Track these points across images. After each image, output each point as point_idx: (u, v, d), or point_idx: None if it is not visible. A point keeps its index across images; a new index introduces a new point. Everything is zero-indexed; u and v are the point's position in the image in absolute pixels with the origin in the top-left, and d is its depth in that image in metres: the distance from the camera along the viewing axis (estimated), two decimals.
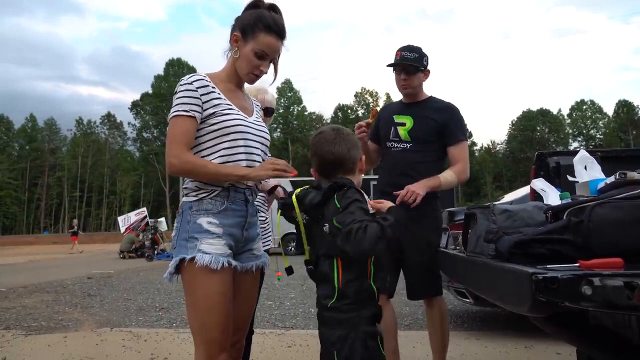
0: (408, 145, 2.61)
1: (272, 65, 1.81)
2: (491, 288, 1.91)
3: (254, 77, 1.78)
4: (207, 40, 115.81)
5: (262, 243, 2.53)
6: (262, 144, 1.81)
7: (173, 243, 1.71)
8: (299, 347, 3.99)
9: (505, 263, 1.59)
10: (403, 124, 2.65)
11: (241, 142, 1.71)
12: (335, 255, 1.46)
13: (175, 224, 1.73)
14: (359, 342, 1.41)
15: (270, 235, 2.58)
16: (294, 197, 1.54)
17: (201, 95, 1.66)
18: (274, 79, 1.87)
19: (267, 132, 1.89)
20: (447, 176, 2.53)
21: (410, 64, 2.58)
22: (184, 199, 1.73)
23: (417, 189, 2.37)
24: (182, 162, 1.62)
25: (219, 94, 1.71)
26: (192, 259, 1.61)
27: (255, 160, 1.76)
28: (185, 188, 1.75)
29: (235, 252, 1.73)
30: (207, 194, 1.68)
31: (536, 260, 1.61)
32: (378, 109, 2.79)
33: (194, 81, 1.68)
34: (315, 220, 1.51)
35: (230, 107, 1.72)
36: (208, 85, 1.69)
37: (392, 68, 2.66)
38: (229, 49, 1.79)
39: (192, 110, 1.64)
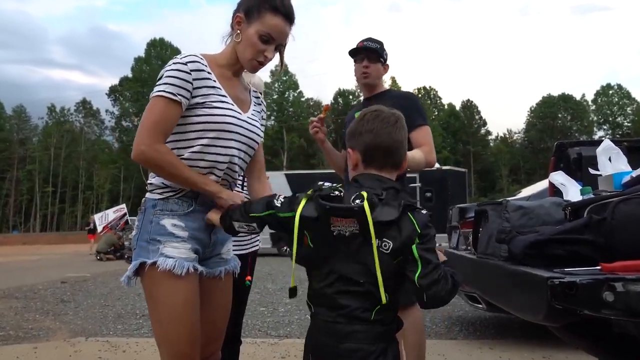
0: None
1: (277, 55, 1.78)
2: (503, 294, 1.90)
3: (257, 64, 1.72)
4: (193, 19, 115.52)
5: (250, 242, 2.53)
6: (250, 146, 1.78)
7: (133, 244, 1.69)
8: (293, 357, 3.99)
9: (518, 266, 1.58)
10: None
11: (222, 142, 1.68)
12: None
13: (136, 222, 1.71)
14: (395, 355, 1.41)
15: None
16: (366, 203, 1.35)
17: (193, 79, 1.62)
18: (281, 70, 1.86)
19: (262, 131, 1.87)
20: (415, 154, 2.54)
21: (374, 48, 2.75)
22: (148, 195, 1.71)
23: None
24: (152, 154, 1.57)
25: (214, 81, 1.68)
26: (154, 263, 1.59)
27: (234, 163, 1.73)
28: (150, 184, 1.71)
29: (202, 258, 1.72)
30: (173, 193, 1.67)
31: (553, 262, 1.60)
32: (329, 104, 2.88)
33: (189, 62, 1.63)
34: (364, 233, 1.38)
35: (223, 99, 1.68)
36: (203, 70, 1.65)
37: (353, 59, 2.82)
38: (229, 33, 1.77)
39: (179, 95, 1.59)
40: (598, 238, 1.58)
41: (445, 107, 67.43)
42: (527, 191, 5.58)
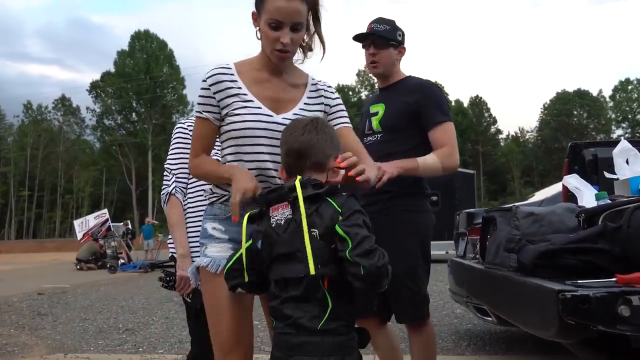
0: (379, 136, 2.62)
1: (312, 37, 1.81)
2: (512, 307, 1.91)
3: (279, 54, 1.74)
4: (180, 9, 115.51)
5: None
6: None
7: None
8: None
9: (528, 277, 1.59)
10: (376, 114, 2.66)
11: (248, 149, 1.75)
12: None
13: None
14: None
15: None
16: (297, 181, 1.49)
17: (214, 93, 1.77)
18: (323, 54, 1.85)
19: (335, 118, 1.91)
20: (428, 159, 2.43)
21: (381, 35, 2.60)
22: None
23: (387, 168, 2.27)
24: (192, 170, 1.85)
25: (238, 88, 1.77)
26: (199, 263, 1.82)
27: (267, 168, 1.77)
28: (203, 190, 1.96)
29: None
30: (217, 198, 1.83)
31: (565, 273, 1.60)
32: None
33: (208, 77, 1.79)
34: (294, 221, 1.49)
35: (245, 104, 1.76)
36: (224, 81, 1.77)
37: (361, 45, 2.70)
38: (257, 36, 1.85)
39: (205, 112, 1.79)
40: (613, 247, 1.59)
41: (452, 104, 67.52)
42: (540, 195, 5.60)
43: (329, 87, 1.94)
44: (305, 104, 1.85)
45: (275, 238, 1.50)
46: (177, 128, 2.53)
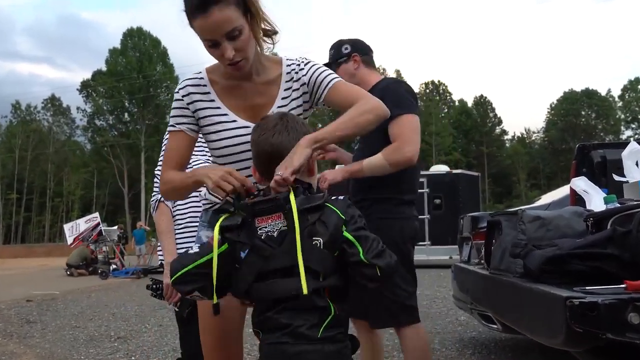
0: (358, 145, 2.79)
1: (262, 21, 1.69)
2: (518, 314, 1.92)
3: (232, 67, 1.67)
4: (175, 4, 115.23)
5: None
6: None
7: None
8: None
9: (534, 284, 1.60)
10: None
11: (234, 165, 1.73)
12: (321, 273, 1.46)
13: None
14: None
15: None
16: (292, 194, 1.45)
17: (187, 104, 1.76)
18: (271, 47, 1.78)
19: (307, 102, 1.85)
20: (374, 158, 2.46)
21: (330, 62, 2.77)
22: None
23: (329, 175, 2.38)
24: (162, 187, 1.79)
25: (211, 101, 1.75)
26: None
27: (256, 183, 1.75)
28: (198, 195, 1.99)
29: None
30: (210, 205, 1.88)
31: (573, 280, 1.61)
32: None
33: (180, 89, 1.78)
34: (289, 230, 1.46)
35: (220, 118, 1.74)
36: (197, 93, 1.76)
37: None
38: None
39: (178, 124, 1.77)
40: (623, 253, 1.59)
41: (456, 103, 67.66)
42: (547, 198, 5.61)
43: (299, 63, 1.81)
44: (282, 99, 1.78)
45: (269, 251, 1.45)
46: (168, 132, 2.53)
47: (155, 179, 2.52)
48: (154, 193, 2.51)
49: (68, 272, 16.79)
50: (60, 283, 14.23)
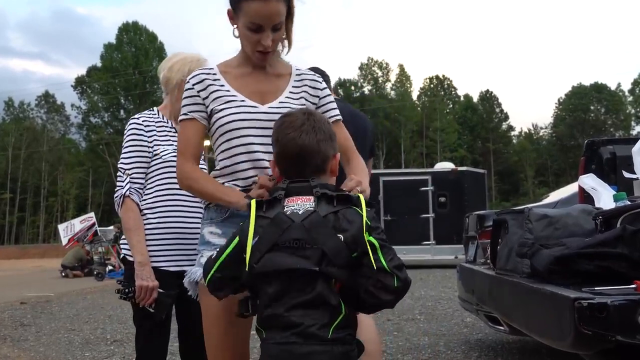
0: None
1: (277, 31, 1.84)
2: (525, 316, 1.91)
3: (260, 55, 1.84)
4: None
5: None
6: None
7: None
8: None
9: (541, 284, 1.59)
10: None
11: (236, 142, 1.81)
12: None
13: None
14: None
15: None
16: (362, 197, 1.55)
17: (199, 91, 1.85)
18: (288, 48, 1.94)
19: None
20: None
21: None
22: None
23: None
24: (182, 177, 1.85)
25: (221, 85, 1.86)
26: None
27: (261, 159, 1.82)
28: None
29: None
30: (209, 202, 1.88)
31: (582, 279, 1.61)
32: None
33: (191, 78, 1.87)
34: (317, 214, 1.51)
35: (230, 98, 1.84)
36: (206, 80, 1.86)
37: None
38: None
39: (190, 112, 1.85)
40: (633, 252, 1.59)
41: (462, 99, 67.60)
42: (555, 195, 5.60)
43: (316, 76, 1.99)
44: (290, 92, 1.91)
45: (289, 223, 1.47)
46: (130, 124, 2.46)
47: (119, 174, 2.44)
48: (118, 188, 2.40)
49: (63, 274, 16.81)
50: (55, 285, 14.25)
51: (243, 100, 1.84)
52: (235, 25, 1.84)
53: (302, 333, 1.43)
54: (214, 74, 1.88)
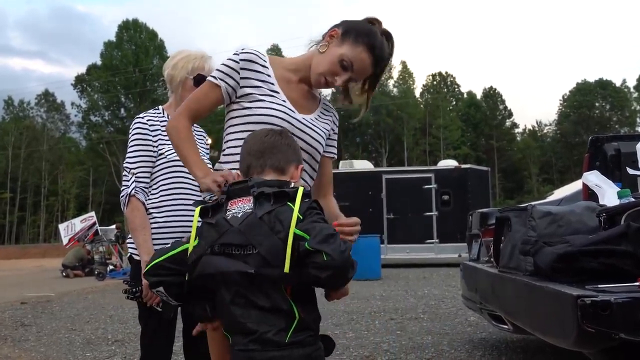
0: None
1: (362, 94, 1.97)
2: (528, 314, 1.91)
3: (324, 82, 1.89)
4: None
5: None
6: (307, 151, 1.87)
7: None
8: None
9: (545, 282, 1.59)
10: None
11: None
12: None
13: None
14: None
15: None
16: (301, 190, 1.54)
17: (241, 69, 1.85)
18: (364, 112, 2.02)
19: (329, 144, 2.03)
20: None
21: None
22: None
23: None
24: (171, 124, 1.85)
25: (268, 75, 1.88)
26: None
27: None
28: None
29: None
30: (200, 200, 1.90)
31: (586, 277, 1.60)
32: None
33: (241, 53, 1.88)
34: (254, 215, 1.52)
35: (273, 93, 1.86)
36: (256, 63, 1.87)
37: None
38: (317, 42, 1.96)
39: (221, 80, 1.83)
40: (637, 249, 1.59)
41: (465, 95, 67.48)
42: (559, 193, 5.59)
43: (334, 112, 2.10)
44: (320, 115, 2.00)
45: (227, 228, 1.49)
46: (135, 123, 2.47)
47: (124, 173, 2.45)
48: (123, 187, 2.41)
49: (64, 274, 16.83)
50: (56, 284, 14.27)
51: (284, 101, 1.87)
52: (326, 43, 1.89)
53: (259, 340, 1.46)
54: (265, 61, 1.90)
